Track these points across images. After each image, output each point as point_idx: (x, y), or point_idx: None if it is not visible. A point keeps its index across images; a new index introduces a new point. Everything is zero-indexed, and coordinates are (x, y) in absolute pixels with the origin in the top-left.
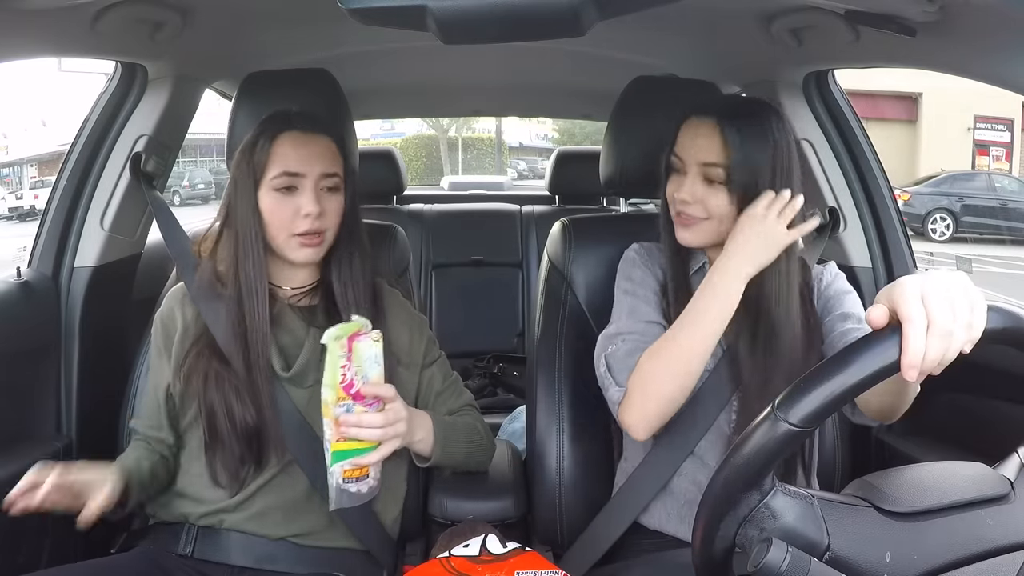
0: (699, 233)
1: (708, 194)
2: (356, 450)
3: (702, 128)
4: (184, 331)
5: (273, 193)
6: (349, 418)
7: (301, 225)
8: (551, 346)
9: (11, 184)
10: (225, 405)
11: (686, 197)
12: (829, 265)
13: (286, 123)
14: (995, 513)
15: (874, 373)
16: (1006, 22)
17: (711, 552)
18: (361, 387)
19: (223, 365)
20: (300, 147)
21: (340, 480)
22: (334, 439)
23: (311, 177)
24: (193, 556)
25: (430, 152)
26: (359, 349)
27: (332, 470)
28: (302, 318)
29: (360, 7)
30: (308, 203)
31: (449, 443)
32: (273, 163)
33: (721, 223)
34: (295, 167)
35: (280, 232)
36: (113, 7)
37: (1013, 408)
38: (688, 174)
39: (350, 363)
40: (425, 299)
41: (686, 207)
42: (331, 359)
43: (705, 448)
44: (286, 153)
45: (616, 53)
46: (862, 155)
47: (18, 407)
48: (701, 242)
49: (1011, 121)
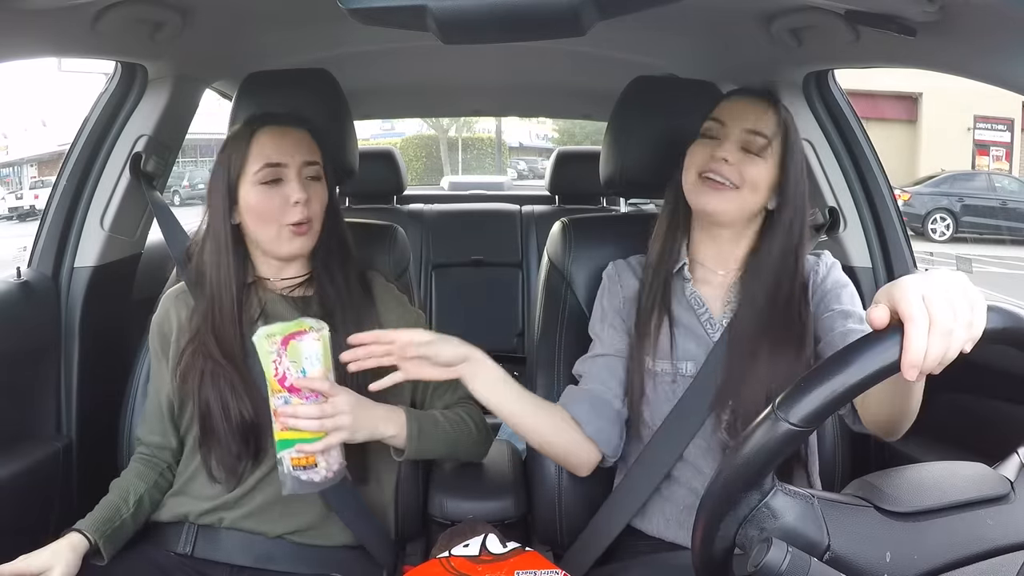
0: (726, 200)
1: (744, 160)
2: (300, 439)
3: (752, 100)
4: (179, 331)
5: (259, 187)
6: (286, 409)
7: (291, 215)
8: (551, 346)
9: (11, 184)
10: (220, 401)
11: (727, 156)
12: (824, 256)
13: (261, 120)
14: (995, 513)
15: (875, 373)
16: (1006, 22)
17: (711, 552)
18: (295, 381)
19: (217, 361)
20: (279, 138)
21: (290, 467)
22: (277, 428)
23: (294, 166)
24: (192, 556)
25: (430, 152)
26: (297, 347)
27: (280, 457)
28: (296, 308)
29: (360, 7)
30: (296, 191)
31: (426, 438)
32: (254, 158)
33: (748, 197)
34: (277, 158)
35: (270, 225)
36: (113, 7)
37: (1013, 408)
38: (729, 139)
39: (282, 359)
40: (425, 299)
41: (722, 168)
42: (262, 355)
43: (696, 454)
44: (266, 145)
45: (616, 53)
46: (862, 155)
47: (18, 407)
48: (724, 210)
49: (1011, 121)
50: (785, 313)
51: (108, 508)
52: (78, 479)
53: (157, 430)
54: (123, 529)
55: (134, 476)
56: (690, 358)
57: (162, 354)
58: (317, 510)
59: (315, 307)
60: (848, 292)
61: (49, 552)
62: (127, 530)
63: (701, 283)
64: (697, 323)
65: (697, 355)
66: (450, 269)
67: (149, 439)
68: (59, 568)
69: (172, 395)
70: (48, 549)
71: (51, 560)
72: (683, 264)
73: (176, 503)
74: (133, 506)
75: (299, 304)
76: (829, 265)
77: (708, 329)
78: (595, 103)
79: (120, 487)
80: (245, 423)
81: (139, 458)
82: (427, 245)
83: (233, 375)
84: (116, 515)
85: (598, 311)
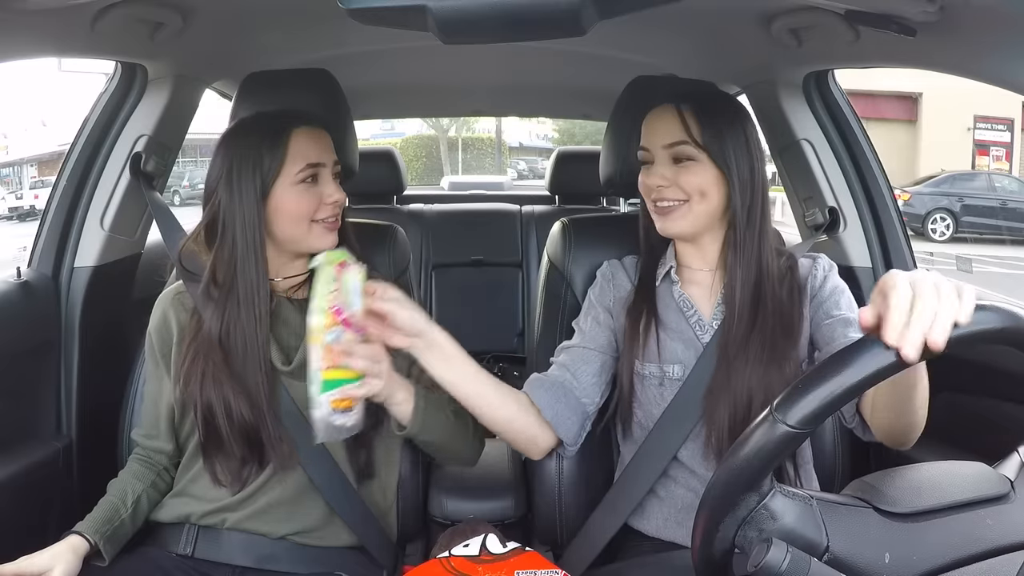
0: (679, 219)
1: (679, 173)
2: (345, 379)
3: (658, 114)
4: (180, 333)
5: (297, 187)
6: (339, 345)
7: (324, 211)
8: (551, 346)
9: (11, 184)
10: (224, 404)
11: (658, 180)
12: (821, 259)
13: (295, 119)
14: (995, 513)
15: (872, 374)
16: (1006, 22)
17: (711, 553)
18: (348, 315)
19: (220, 364)
20: (315, 139)
21: (329, 411)
22: (324, 366)
23: (329, 165)
24: (194, 556)
25: (430, 152)
26: (346, 278)
27: (320, 400)
28: (299, 310)
29: (360, 7)
30: (334, 190)
31: (431, 416)
32: (293, 158)
33: (697, 203)
34: (316, 158)
35: (301, 222)
36: (113, 7)
37: (1013, 408)
38: (656, 161)
39: (338, 291)
40: (425, 299)
41: (661, 192)
42: (322, 283)
43: (691, 455)
44: (306, 145)
45: (616, 53)
46: (862, 155)
47: (19, 407)
48: (682, 229)
49: (1011, 121)
50: (773, 309)
51: (107, 508)
52: (78, 479)
53: (154, 434)
54: (122, 529)
55: (131, 476)
56: (677, 361)
57: (161, 359)
58: (320, 511)
59: None
60: (847, 298)
61: (49, 554)
62: (126, 530)
63: (689, 284)
64: (686, 326)
65: (686, 357)
66: (450, 269)
67: (146, 443)
68: (59, 569)
69: (173, 400)
70: (48, 551)
71: (51, 562)
72: (670, 267)
73: (178, 504)
74: (131, 506)
75: (300, 305)
76: (827, 269)
77: (697, 331)
78: (595, 103)
79: (118, 487)
80: (248, 425)
81: (136, 458)
82: (427, 245)
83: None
84: (115, 515)
85: (586, 304)
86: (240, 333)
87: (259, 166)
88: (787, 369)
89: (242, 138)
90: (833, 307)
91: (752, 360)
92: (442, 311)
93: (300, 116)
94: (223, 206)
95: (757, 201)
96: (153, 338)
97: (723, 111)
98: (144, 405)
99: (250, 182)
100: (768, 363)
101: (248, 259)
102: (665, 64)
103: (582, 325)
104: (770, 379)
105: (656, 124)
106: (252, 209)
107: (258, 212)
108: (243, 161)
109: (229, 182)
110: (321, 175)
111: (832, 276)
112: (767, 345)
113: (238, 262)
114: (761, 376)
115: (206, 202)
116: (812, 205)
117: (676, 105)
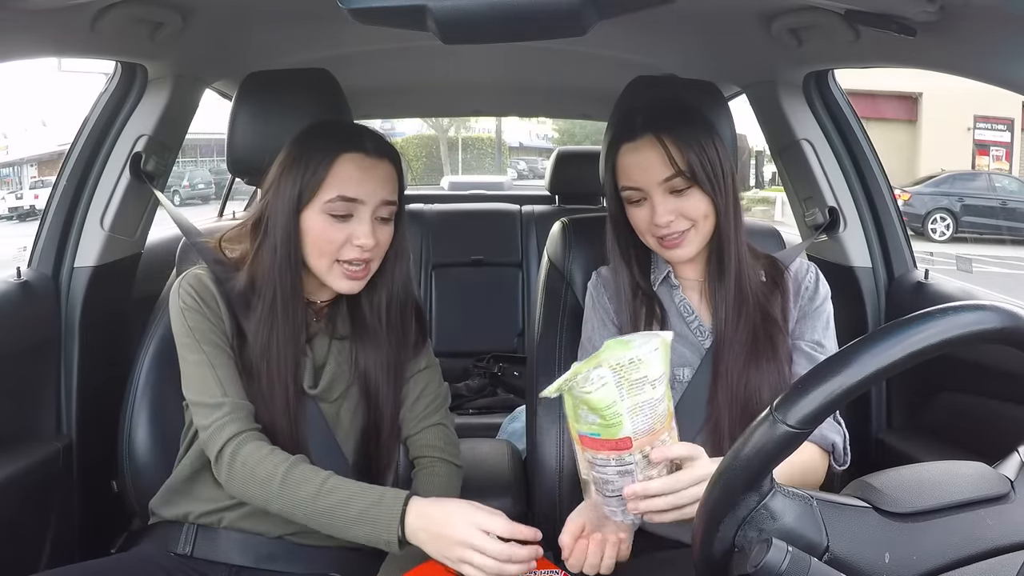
0: (687, 246)
1: (680, 203)
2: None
3: (640, 149)
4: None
5: (325, 217)
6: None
7: (348, 253)
8: (551, 346)
9: (11, 184)
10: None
11: (666, 216)
12: (813, 267)
13: (352, 142)
14: (995, 513)
15: (873, 374)
16: (1006, 22)
17: (711, 553)
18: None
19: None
20: (364, 171)
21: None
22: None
23: (370, 205)
24: (193, 556)
25: (430, 152)
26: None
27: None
28: (325, 332)
29: (360, 7)
30: (364, 235)
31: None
32: (330, 185)
33: (704, 226)
34: (354, 193)
35: (323, 258)
36: (113, 7)
37: (1013, 408)
38: (654, 200)
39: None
40: (425, 299)
41: (671, 226)
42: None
43: None
44: (348, 176)
45: (616, 53)
46: (862, 155)
47: (19, 407)
48: (693, 252)
49: (1011, 121)
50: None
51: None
52: (78, 479)
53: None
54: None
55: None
56: (685, 364)
57: (212, 316)
58: None
59: (340, 328)
60: (824, 318)
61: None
62: None
63: (689, 290)
64: (688, 331)
65: (692, 360)
66: (450, 269)
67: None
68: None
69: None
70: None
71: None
72: (667, 272)
73: (179, 500)
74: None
75: (327, 327)
76: (816, 277)
77: (699, 336)
78: (595, 103)
79: (302, 472)
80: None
81: (257, 435)
82: (427, 245)
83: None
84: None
85: (588, 316)
86: (276, 347)
87: (300, 178)
88: (786, 368)
89: (305, 141)
90: (808, 330)
91: (750, 361)
92: (442, 311)
93: (359, 142)
94: (269, 203)
95: (731, 200)
96: (195, 304)
97: (697, 133)
98: (216, 370)
99: (288, 189)
100: (768, 363)
101: (284, 268)
102: (665, 64)
103: (592, 336)
104: (771, 379)
105: (643, 161)
106: (288, 219)
107: (295, 224)
108: (293, 165)
109: (278, 181)
110: (358, 213)
111: (822, 288)
112: (762, 344)
113: (277, 277)
114: (762, 376)
115: (264, 194)
116: (812, 205)
117: (656, 135)
